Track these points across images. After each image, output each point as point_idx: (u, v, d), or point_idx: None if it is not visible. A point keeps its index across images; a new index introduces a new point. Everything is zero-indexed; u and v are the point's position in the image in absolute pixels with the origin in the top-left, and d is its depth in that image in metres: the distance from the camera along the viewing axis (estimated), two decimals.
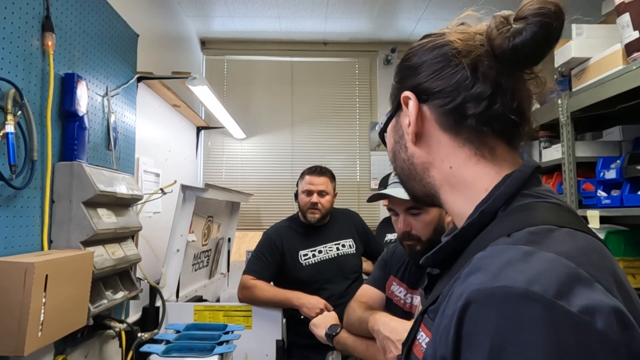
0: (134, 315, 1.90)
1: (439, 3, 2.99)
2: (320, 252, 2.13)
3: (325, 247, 2.15)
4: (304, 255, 2.11)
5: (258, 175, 3.63)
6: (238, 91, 3.67)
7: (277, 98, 3.69)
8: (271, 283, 2.05)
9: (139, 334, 1.55)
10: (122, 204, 1.56)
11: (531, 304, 0.40)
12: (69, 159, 1.36)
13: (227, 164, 3.65)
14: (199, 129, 3.22)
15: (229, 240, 2.88)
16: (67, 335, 1.23)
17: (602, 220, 1.76)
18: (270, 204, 3.60)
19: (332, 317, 1.56)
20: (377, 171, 3.64)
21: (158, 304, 1.87)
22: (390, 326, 1.16)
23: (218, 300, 2.57)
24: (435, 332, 0.49)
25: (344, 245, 2.17)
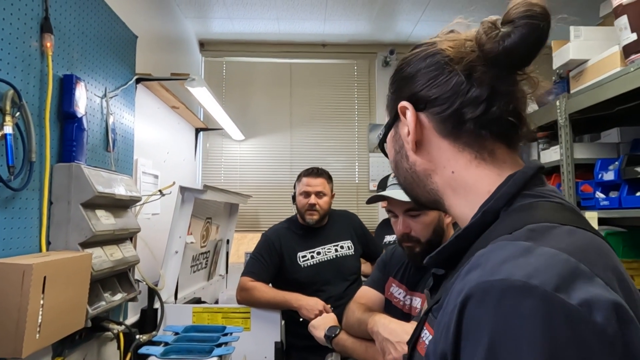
0: (132, 317, 1.89)
1: (438, 5, 2.99)
2: (318, 253, 2.13)
3: (324, 248, 2.15)
4: (303, 256, 2.11)
5: (257, 176, 3.63)
6: (237, 93, 3.67)
7: (276, 100, 3.70)
8: (270, 285, 2.05)
9: (137, 336, 1.55)
10: (121, 205, 1.56)
11: (529, 296, 0.40)
12: (68, 160, 1.35)
13: (225, 165, 3.65)
14: (197, 131, 3.22)
15: (228, 241, 2.88)
16: (65, 337, 1.23)
17: (601, 221, 1.76)
18: (269, 205, 3.60)
19: (331, 319, 1.55)
20: (375, 173, 3.64)
21: (156, 305, 1.87)
22: (389, 328, 1.16)
23: (217, 302, 2.57)
24: (437, 328, 0.50)
25: (342, 247, 2.17)
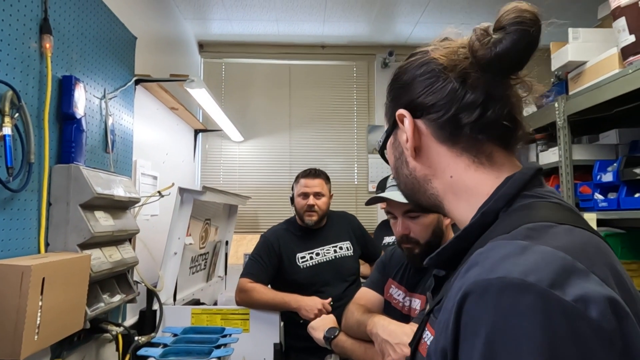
0: (131, 319, 1.89)
1: (437, 7, 3.00)
2: (317, 254, 2.13)
3: (323, 249, 2.14)
4: (302, 257, 2.11)
5: (256, 178, 3.63)
6: (236, 94, 3.67)
7: (275, 101, 3.70)
8: (269, 286, 2.05)
9: (136, 338, 1.54)
10: (120, 206, 1.55)
11: (526, 293, 0.41)
12: (67, 161, 1.35)
13: (224, 166, 3.65)
14: (196, 132, 3.22)
15: (227, 243, 2.88)
16: (64, 338, 1.22)
17: (599, 223, 1.76)
18: (268, 207, 3.60)
19: (330, 320, 1.55)
20: (374, 174, 3.64)
21: (155, 307, 1.86)
22: (388, 329, 1.16)
23: (216, 304, 2.57)
24: (437, 327, 0.51)
25: (341, 248, 2.17)
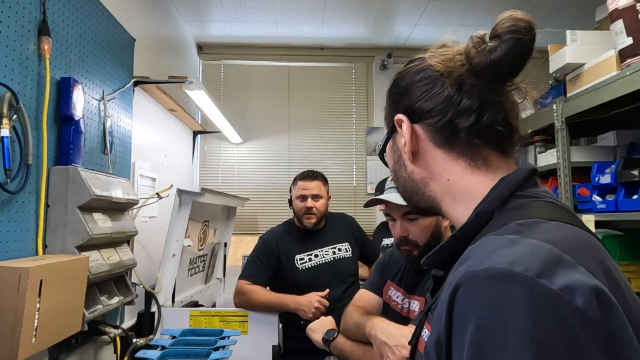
0: (129, 321, 1.88)
1: (435, 9, 3.01)
2: (316, 256, 2.13)
3: (322, 251, 2.14)
4: (300, 259, 2.11)
5: (254, 179, 3.63)
6: (235, 96, 3.68)
7: (274, 103, 3.70)
8: (267, 288, 2.05)
9: (134, 340, 1.54)
10: (118, 208, 1.55)
11: (513, 282, 0.42)
12: (65, 163, 1.35)
13: (223, 168, 3.65)
14: (195, 134, 3.22)
15: (225, 245, 2.87)
16: (62, 341, 1.22)
17: (597, 224, 1.76)
18: (266, 208, 3.60)
19: (329, 322, 1.55)
20: (373, 176, 3.65)
21: (153, 309, 1.86)
22: (387, 331, 1.16)
23: (214, 306, 2.56)
24: (433, 322, 0.52)
25: (340, 249, 2.17)
